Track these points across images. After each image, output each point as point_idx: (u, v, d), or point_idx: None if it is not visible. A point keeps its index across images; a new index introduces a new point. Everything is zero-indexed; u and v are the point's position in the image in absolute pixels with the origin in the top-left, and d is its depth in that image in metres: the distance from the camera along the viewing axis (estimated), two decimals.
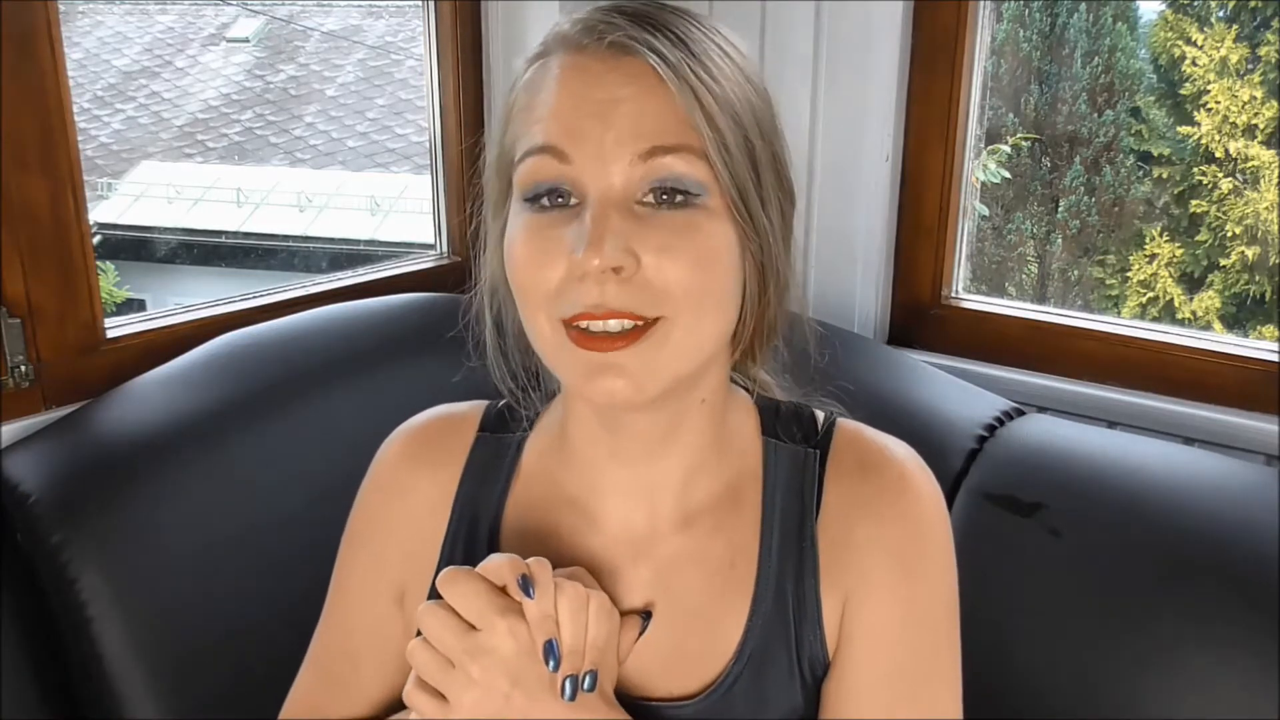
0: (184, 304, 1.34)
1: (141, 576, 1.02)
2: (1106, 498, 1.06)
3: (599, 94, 0.65)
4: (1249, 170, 5.41)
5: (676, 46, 0.65)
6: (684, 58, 0.65)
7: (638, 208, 0.65)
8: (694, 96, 0.64)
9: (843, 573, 0.74)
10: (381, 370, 1.22)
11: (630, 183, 0.65)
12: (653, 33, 0.65)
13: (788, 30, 1.50)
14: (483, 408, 0.83)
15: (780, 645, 0.74)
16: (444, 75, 1.52)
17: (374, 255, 5.12)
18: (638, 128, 0.64)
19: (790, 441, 0.77)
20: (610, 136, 0.64)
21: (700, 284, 0.66)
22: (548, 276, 0.66)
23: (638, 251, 0.64)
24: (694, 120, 0.64)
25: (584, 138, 0.64)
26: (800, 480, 0.76)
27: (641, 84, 0.64)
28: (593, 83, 0.65)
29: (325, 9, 6.74)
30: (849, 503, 0.75)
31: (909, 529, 0.74)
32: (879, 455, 0.76)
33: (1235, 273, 5.49)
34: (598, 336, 0.65)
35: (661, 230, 0.65)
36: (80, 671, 1.00)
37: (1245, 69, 5.42)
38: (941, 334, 1.53)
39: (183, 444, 1.08)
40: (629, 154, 0.64)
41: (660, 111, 0.64)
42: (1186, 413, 1.33)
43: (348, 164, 5.96)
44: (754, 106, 0.68)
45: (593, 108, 0.65)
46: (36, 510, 1.01)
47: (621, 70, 0.65)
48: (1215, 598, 0.97)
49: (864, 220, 1.53)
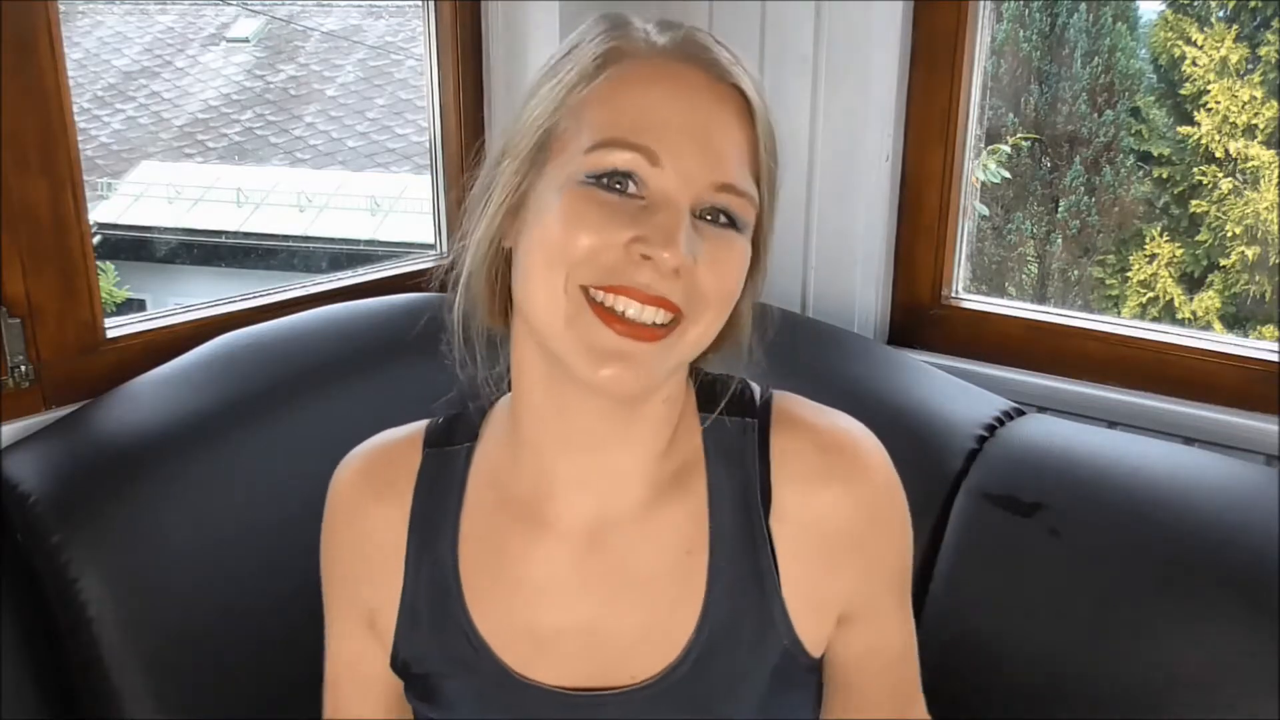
0: (184, 304, 1.34)
1: (141, 576, 1.02)
2: (1106, 498, 1.06)
3: (699, 113, 0.69)
4: (1249, 170, 5.41)
5: (758, 84, 0.71)
6: (762, 106, 0.71)
7: (696, 220, 0.69)
8: (765, 147, 0.71)
9: (806, 552, 0.75)
10: (381, 370, 1.22)
11: (700, 200, 0.69)
12: (740, 64, 0.71)
13: (788, 30, 1.50)
14: (423, 428, 0.84)
15: (742, 623, 0.75)
16: (444, 75, 1.52)
17: (374, 255, 5.12)
18: (724, 160, 0.69)
19: (727, 414, 0.78)
20: (701, 159, 0.68)
21: (728, 294, 0.71)
22: (588, 243, 0.67)
23: (698, 257, 0.68)
24: (760, 165, 0.71)
25: (678, 152, 0.68)
26: (741, 453, 0.77)
27: (735, 115, 0.70)
28: (695, 99, 0.69)
29: (325, 9, 6.74)
30: (804, 482, 0.76)
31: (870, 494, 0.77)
32: (830, 433, 0.78)
33: (1235, 273, 5.49)
34: (629, 323, 0.67)
35: (715, 244, 0.69)
36: (80, 671, 1.00)
37: (1245, 69, 5.42)
38: (941, 334, 1.53)
39: (182, 444, 1.08)
40: (711, 182, 0.68)
41: (741, 149, 0.70)
42: (1186, 413, 1.33)
43: (348, 164, 5.95)
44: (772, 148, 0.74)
45: (692, 125, 0.68)
46: (36, 510, 1.01)
47: (719, 95, 0.70)
48: (1215, 598, 0.97)
49: (864, 220, 1.53)
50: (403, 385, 1.19)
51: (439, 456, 0.82)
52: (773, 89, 0.74)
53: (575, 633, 0.77)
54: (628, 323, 0.67)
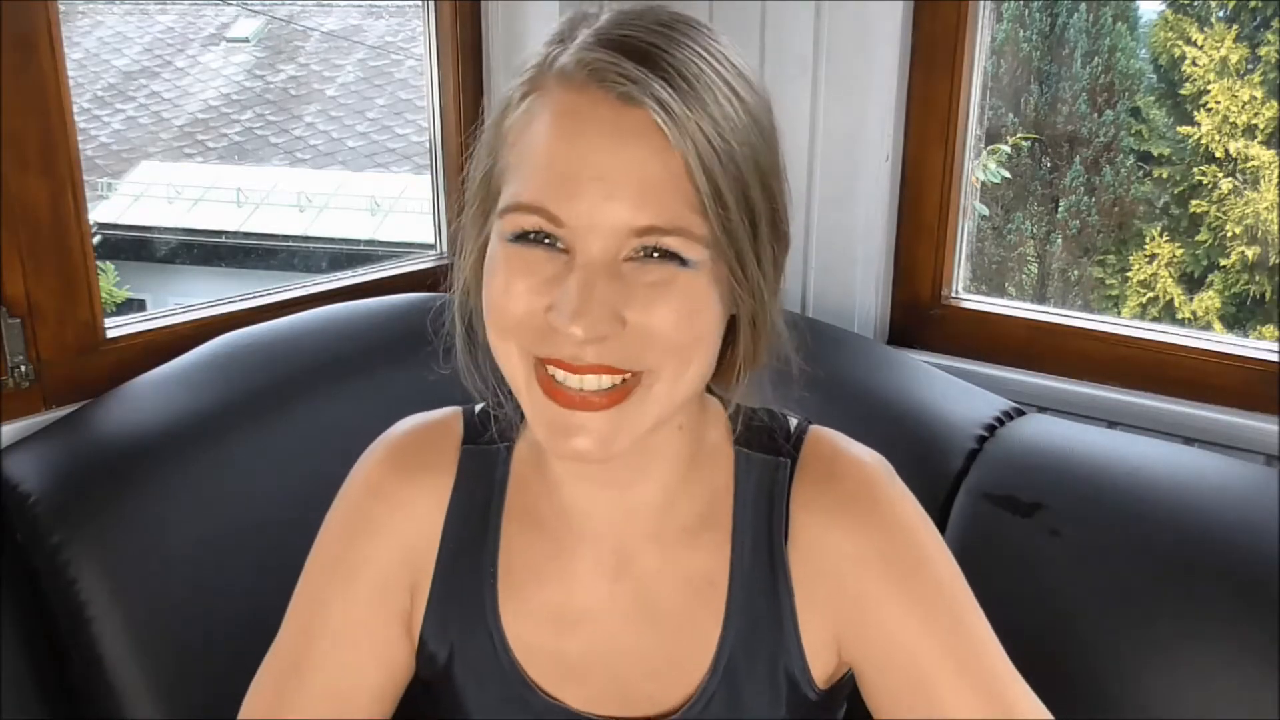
0: (184, 304, 1.34)
1: (141, 576, 1.02)
2: (1106, 498, 1.06)
3: (599, 154, 0.60)
4: (1249, 170, 5.41)
5: (684, 92, 0.60)
6: (690, 109, 0.60)
7: (625, 265, 0.62)
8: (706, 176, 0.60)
9: (823, 587, 0.74)
10: (381, 370, 1.22)
11: (624, 247, 0.62)
12: (659, 75, 0.60)
13: (788, 30, 1.50)
14: (461, 415, 0.81)
15: (757, 659, 0.74)
16: (444, 75, 1.52)
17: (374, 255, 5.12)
18: (638, 200, 0.60)
19: (761, 451, 0.76)
20: (608, 207, 0.60)
21: (685, 338, 0.63)
22: (517, 312, 0.63)
23: (624, 313, 0.62)
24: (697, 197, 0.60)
25: (579, 202, 0.60)
26: (770, 490, 0.75)
27: (644, 144, 0.60)
28: (593, 137, 0.60)
29: (325, 9, 6.74)
30: (818, 514, 0.74)
31: (889, 533, 0.73)
32: (846, 464, 0.75)
33: (1235, 273, 5.49)
34: (571, 394, 0.63)
35: (647, 287, 0.62)
36: (80, 671, 1.00)
37: (1245, 69, 5.42)
38: (941, 334, 1.53)
39: (183, 444, 1.08)
40: (626, 229, 0.61)
41: (661, 182, 0.60)
42: (1186, 413, 1.33)
43: (348, 164, 5.95)
44: (756, 151, 0.64)
45: (592, 170, 0.60)
46: (36, 510, 1.01)
47: (623, 125, 0.60)
48: (1215, 598, 0.97)
49: (864, 220, 1.53)
50: (403, 385, 1.19)
51: (479, 455, 0.79)
52: (773, 89, 0.70)
53: (600, 657, 0.76)
54: (570, 394, 0.63)
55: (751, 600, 0.74)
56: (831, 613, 0.74)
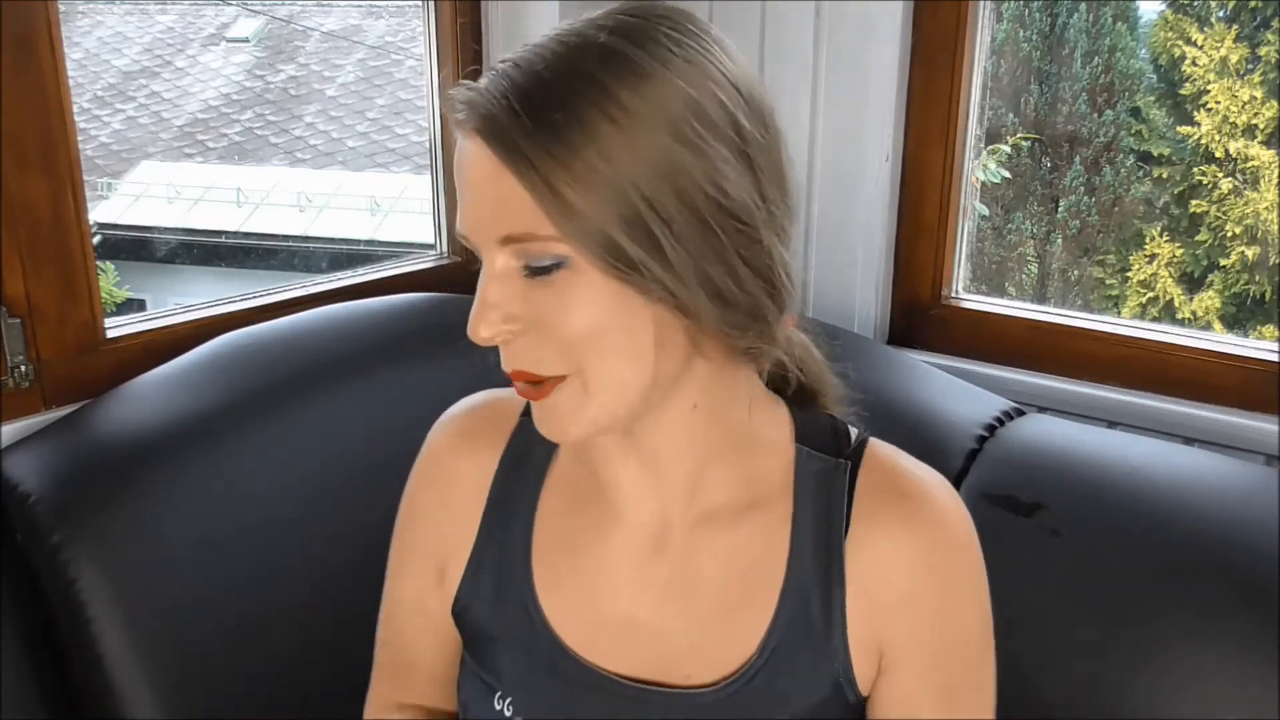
0: (184, 304, 1.34)
1: (141, 576, 1.02)
2: (1106, 498, 1.06)
3: (466, 179, 0.68)
4: (1249, 170, 5.41)
5: (534, 125, 0.63)
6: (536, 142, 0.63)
7: (519, 277, 0.67)
8: (541, 182, 0.63)
9: (873, 591, 0.75)
10: (381, 371, 1.22)
11: (506, 257, 0.67)
12: (514, 112, 0.64)
13: (788, 30, 1.50)
14: None
15: (804, 648, 0.75)
16: (444, 75, 1.52)
17: (374, 255, 5.13)
18: (493, 215, 0.66)
19: (822, 451, 0.78)
20: (479, 222, 0.68)
21: (588, 333, 0.66)
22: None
23: (519, 315, 0.67)
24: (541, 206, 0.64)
25: (468, 222, 0.68)
26: (829, 490, 0.77)
27: (492, 169, 0.65)
28: (464, 164, 0.67)
29: (325, 9, 6.74)
30: (880, 522, 0.76)
31: (945, 552, 0.76)
32: (913, 481, 0.78)
33: (1235, 273, 5.49)
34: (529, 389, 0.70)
35: (539, 293, 0.67)
36: (80, 671, 1.00)
37: (1245, 69, 5.43)
38: (941, 334, 1.53)
39: (183, 444, 1.08)
40: (492, 238, 0.67)
41: (509, 199, 0.65)
42: (1186, 413, 1.33)
43: (348, 164, 5.96)
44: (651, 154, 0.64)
45: (467, 193, 0.68)
46: (36, 510, 1.01)
47: (479, 153, 0.66)
48: (1215, 597, 0.97)
49: (864, 220, 1.53)
50: (403, 385, 1.19)
51: (531, 428, 0.81)
52: (773, 89, 0.71)
53: (632, 625, 0.78)
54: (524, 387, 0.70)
55: (806, 589, 0.75)
56: (878, 620, 0.76)
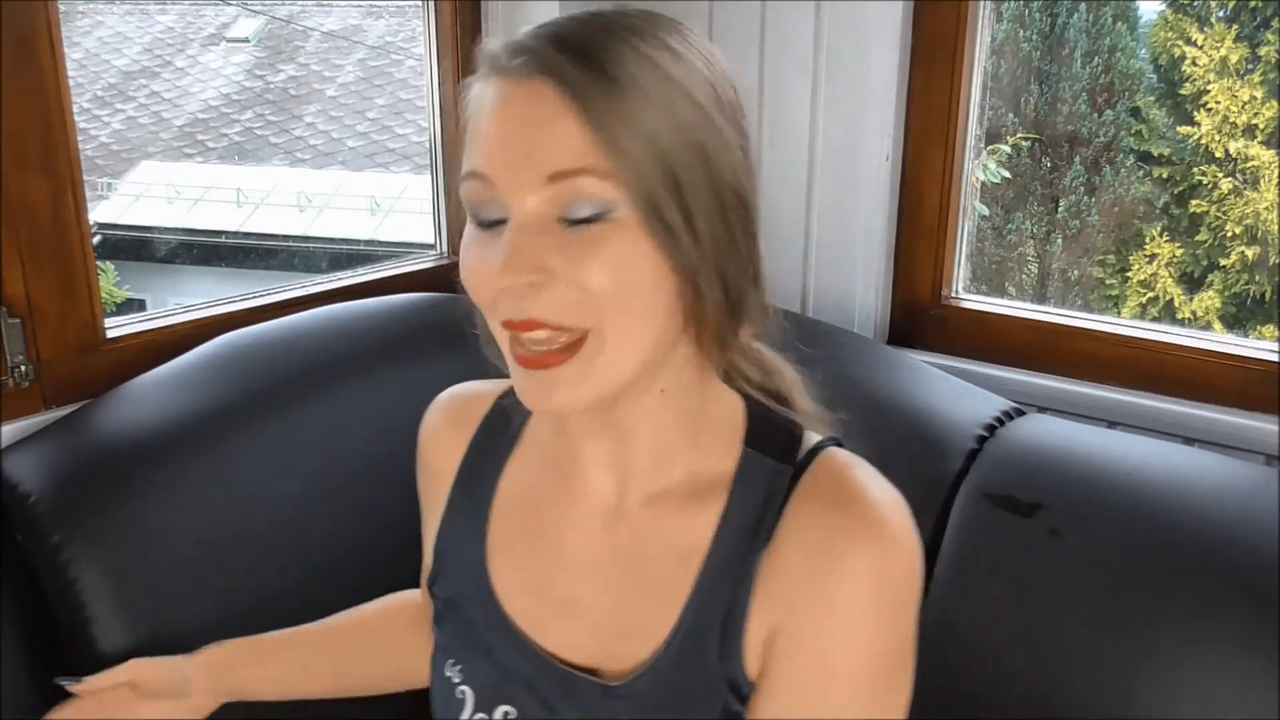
0: (184, 304, 1.34)
1: (141, 576, 1.02)
2: (1106, 498, 1.06)
3: (513, 119, 0.68)
4: (1249, 170, 5.41)
5: (589, 68, 0.66)
6: (592, 80, 0.66)
7: (555, 225, 0.67)
8: (598, 119, 0.66)
9: (779, 600, 0.73)
10: (381, 370, 1.22)
11: (543, 203, 0.67)
12: (569, 54, 0.67)
13: (788, 30, 1.50)
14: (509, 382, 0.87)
15: (708, 647, 0.74)
16: (444, 75, 1.53)
17: (374, 255, 5.13)
18: (544, 152, 0.66)
19: (769, 455, 0.77)
20: (522, 161, 0.67)
21: (618, 291, 0.67)
22: (481, 278, 0.69)
23: (552, 265, 0.66)
24: (597, 143, 0.66)
25: (502, 163, 0.68)
26: (766, 494, 0.75)
27: (549, 107, 0.66)
28: (511, 106, 0.68)
29: (325, 9, 6.75)
30: (806, 531, 0.73)
31: (864, 577, 0.70)
32: (857, 492, 0.73)
33: (1235, 273, 5.49)
34: (530, 355, 0.69)
35: (575, 244, 0.67)
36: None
37: (1245, 69, 5.43)
38: (941, 334, 1.53)
39: (183, 444, 1.08)
40: (536, 178, 0.66)
41: (566, 135, 0.66)
42: (1186, 413, 1.33)
43: (348, 164, 5.96)
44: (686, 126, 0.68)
45: (509, 134, 0.68)
46: (36, 510, 1.01)
47: (533, 93, 0.67)
48: (1215, 598, 0.97)
49: (864, 220, 1.53)
50: (402, 385, 1.19)
51: (504, 410, 0.86)
52: (773, 89, 0.71)
53: (577, 607, 0.79)
54: (529, 353, 0.69)
55: (716, 590, 0.75)
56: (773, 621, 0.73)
